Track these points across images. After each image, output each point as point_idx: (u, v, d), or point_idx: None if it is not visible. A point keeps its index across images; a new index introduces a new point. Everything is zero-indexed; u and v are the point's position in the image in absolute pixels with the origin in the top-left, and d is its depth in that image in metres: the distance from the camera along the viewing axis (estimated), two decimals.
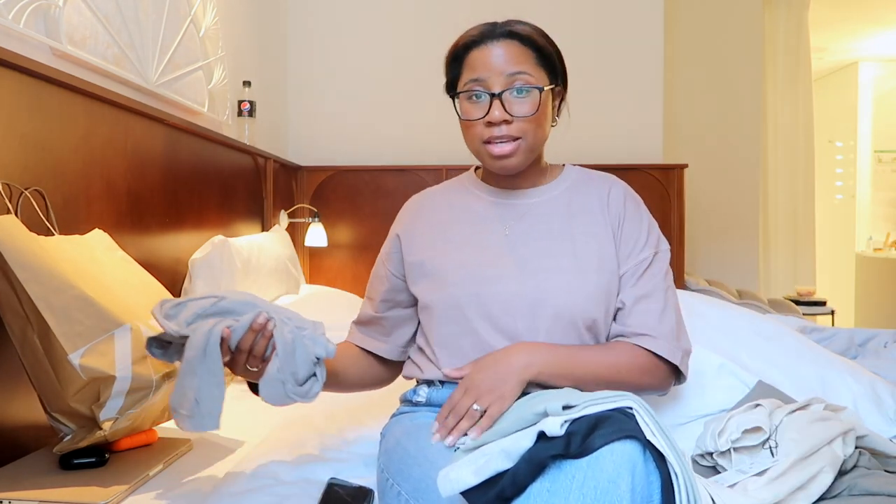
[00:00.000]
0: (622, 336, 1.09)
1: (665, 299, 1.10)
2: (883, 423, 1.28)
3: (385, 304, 1.25)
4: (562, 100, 1.17)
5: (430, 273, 1.15)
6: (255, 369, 1.03)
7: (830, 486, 0.93)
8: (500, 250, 1.12)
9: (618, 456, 0.72)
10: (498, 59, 1.07)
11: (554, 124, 1.17)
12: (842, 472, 0.97)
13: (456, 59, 1.12)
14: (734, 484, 0.96)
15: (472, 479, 0.77)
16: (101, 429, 1.11)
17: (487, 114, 1.06)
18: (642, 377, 1.06)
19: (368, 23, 3.37)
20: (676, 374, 1.10)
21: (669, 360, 1.06)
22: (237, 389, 1.85)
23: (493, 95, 1.06)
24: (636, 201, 1.18)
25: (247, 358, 1.02)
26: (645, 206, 1.20)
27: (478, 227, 1.16)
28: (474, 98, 1.08)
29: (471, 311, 1.08)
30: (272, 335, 1.00)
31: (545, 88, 1.09)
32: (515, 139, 1.07)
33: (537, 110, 1.07)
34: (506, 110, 1.06)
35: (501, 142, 1.07)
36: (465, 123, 1.10)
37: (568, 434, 0.75)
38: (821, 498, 0.92)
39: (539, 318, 1.07)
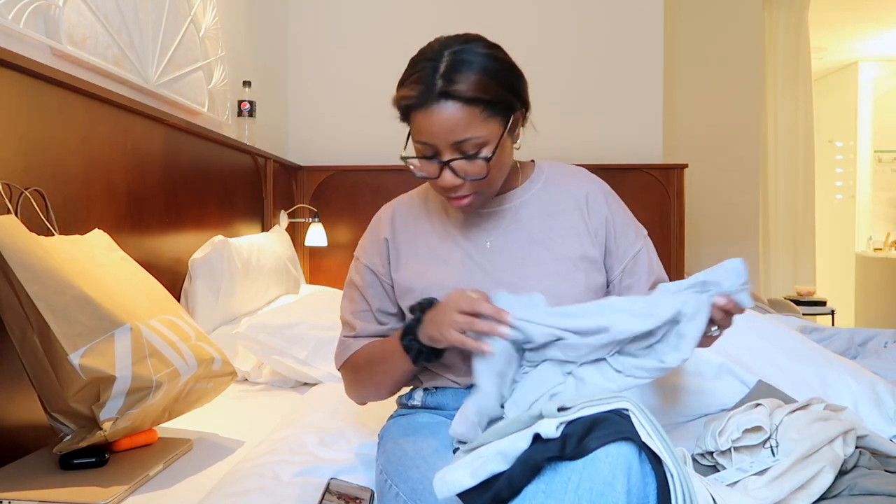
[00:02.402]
0: None
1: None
2: (883, 423, 1.28)
3: (383, 315, 1.19)
4: (524, 116, 1.10)
5: (417, 289, 1.12)
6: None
7: (831, 486, 0.93)
8: (484, 261, 1.12)
9: (613, 457, 0.72)
10: (441, 128, 0.99)
11: (517, 146, 1.11)
12: (842, 472, 0.97)
13: (402, 113, 1.05)
14: (734, 483, 0.96)
15: (469, 481, 0.77)
16: (101, 429, 1.11)
17: (439, 177, 1.03)
18: None
19: (368, 23, 3.37)
20: None
21: None
22: (237, 389, 1.86)
23: (441, 163, 1.02)
24: (615, 197, 1.20)
25: None
26: (620, 199, 1.22)
27: (460, 240, 1.15)
28: (425, 158, 1.04)
29: None
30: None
31: (499, 139, 1.03)
32: (473, 193, 1.06)
33: (488, 172, 1.03)
34: (457, 175, 1.03)
35: (459, 197, 1.06)
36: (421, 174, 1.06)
37: (563, 436, 0.75)
38: (821, 497, 0.92)
39: None
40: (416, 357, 1.05)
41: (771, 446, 1.01)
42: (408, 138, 1.07)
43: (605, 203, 1.17)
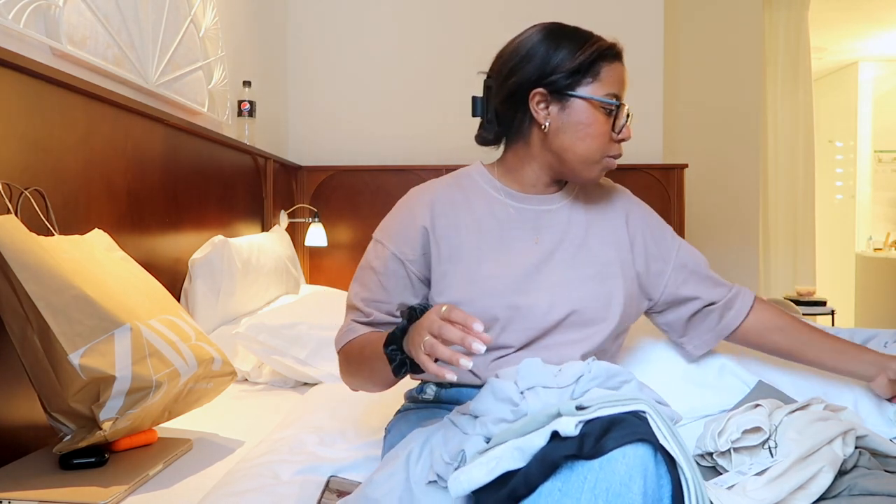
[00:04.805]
0: (713, 304, 1.24)
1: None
2: (883, 423, 1.28)
3: (398, 307, 1.13)
4: None
5: (462, 283, 1.09)
6: None
7: (830, 486, 0.93)
8: (531, 260, 1.11)
9: (630, 458, 0.72)
10: (625, 81, 1.12)
11: None
12: (842, 472, 0.97)
13: (591, 62, 1.09)
14: (733, 485, 0.95)
15: (485, 478, 0.76)
16: (101, 429, 1.11)
17: (622, 130, 1.10)
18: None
19: (369, 22, 3.37)
20: None
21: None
22: (237, 389, 1.86)
23: (628, 115, 1.11)
24: (650, 210, 1.27)
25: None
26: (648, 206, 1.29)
27: (506, 235, 1.12)
28: (608, 112, 1.09)
29: (506, 323, 1.08)
30: None
31: None
32: None
33: None
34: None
35: (620, 154, 1.13)
36: (596, 131, 1.09)
37: (581, 435, 0.74)
38: (821, 498, 0.92)
39: (572, 328, 1.10)
40: (397, 369, 0.93)
41: (770, 447, 1.01)
42: (573, 97, 1.09)
43: (645, 219, 1.23)
